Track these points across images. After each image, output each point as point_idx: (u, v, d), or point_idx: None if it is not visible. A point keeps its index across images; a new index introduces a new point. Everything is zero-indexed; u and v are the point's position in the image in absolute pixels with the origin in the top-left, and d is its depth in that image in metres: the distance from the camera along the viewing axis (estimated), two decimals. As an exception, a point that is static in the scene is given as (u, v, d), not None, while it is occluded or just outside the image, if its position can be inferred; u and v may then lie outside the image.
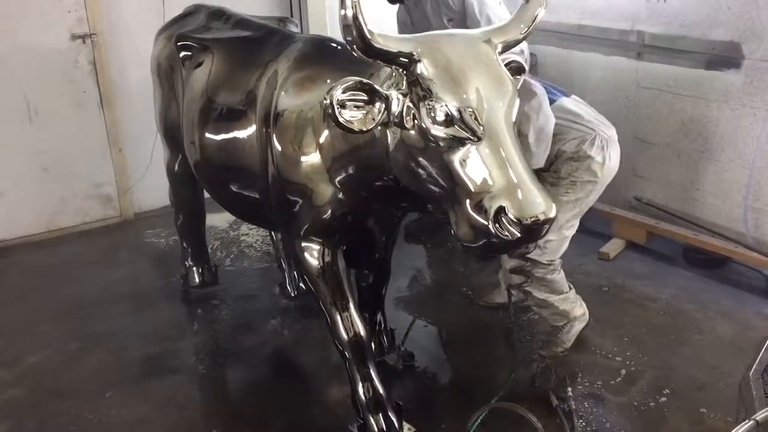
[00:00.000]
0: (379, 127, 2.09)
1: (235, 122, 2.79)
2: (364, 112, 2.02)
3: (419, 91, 2.02)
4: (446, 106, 1.96)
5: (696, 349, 3.36)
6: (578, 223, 3.25)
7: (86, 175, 4.70)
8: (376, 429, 2.62)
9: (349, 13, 1.89)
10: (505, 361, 3.29)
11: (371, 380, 2.64)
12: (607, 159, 3.09)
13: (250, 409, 3.05)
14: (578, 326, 3.35)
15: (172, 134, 3.41)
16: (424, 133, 2.01)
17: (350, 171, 2.39)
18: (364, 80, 2.02)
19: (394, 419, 2.65)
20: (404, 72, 2.05)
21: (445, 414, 2.95)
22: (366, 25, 1.93)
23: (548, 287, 3.25)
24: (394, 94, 2.05)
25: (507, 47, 2.15)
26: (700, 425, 2.84)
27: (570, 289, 3.34)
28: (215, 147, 2.89)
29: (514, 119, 2.05)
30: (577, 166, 3.07)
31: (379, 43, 1.98)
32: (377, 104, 2.03)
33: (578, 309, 3.35)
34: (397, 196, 2.34)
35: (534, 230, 1.92)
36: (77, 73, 4.52)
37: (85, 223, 4.77)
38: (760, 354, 2.16)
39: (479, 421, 2.75)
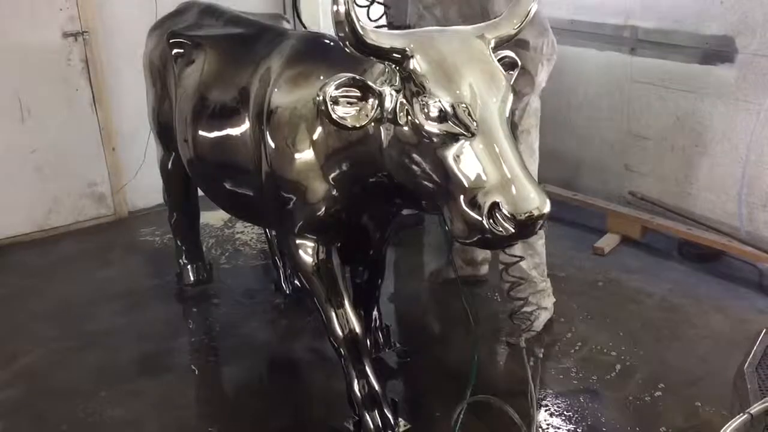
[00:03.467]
0: (373, 124, 2.08)
1: (228, 120, 2.78)
2: (357, 108, 2.02)
3: (412, 87, 2.01)
4: (439, 101, 1.96)
5: (690, 343, 3.37)
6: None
7: (80, 173, 4.68)
8: (371, 425, 2.61)
9: (342, 9, 1.89)
10: (501, 357, 3.31)
11: (367, 377, 2.64)
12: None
13: (245, 407, 3.04)
14: (545, 316, 3.45)
15: (165, 132, 3.40)
16: (417, 129, 2.01)
17: (344, 168, 2.38)
18: (357, 76, 2.02)
19: (389, 416, 2.65)
20: (397, 68, 2.04)
21: (440, 410, 2.94)
22: (358, 21, 1.92)
23: (534, 259, 3.36)
24: (387, 90, 2.04)
25: (500, 43, 2.15)
26: (695, 419, 2.85)
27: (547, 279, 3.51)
28: (208, 145, 2.88)
29: (507, 114, 2.04)
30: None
31: (372, 39, 1.97)
32: (370, 100, 2.03)
33: (548, 300, 3.49)
34: (391, 192, 2.33)
35: (528, 226, 1.91)
36: (69, 72, 4.50)
37: (79, 222, 4.75)
38: (755, 347, 2.17)
39: (461, 417, 2.75)
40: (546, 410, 2.94)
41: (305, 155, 2.45)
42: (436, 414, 2.91)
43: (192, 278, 3.86)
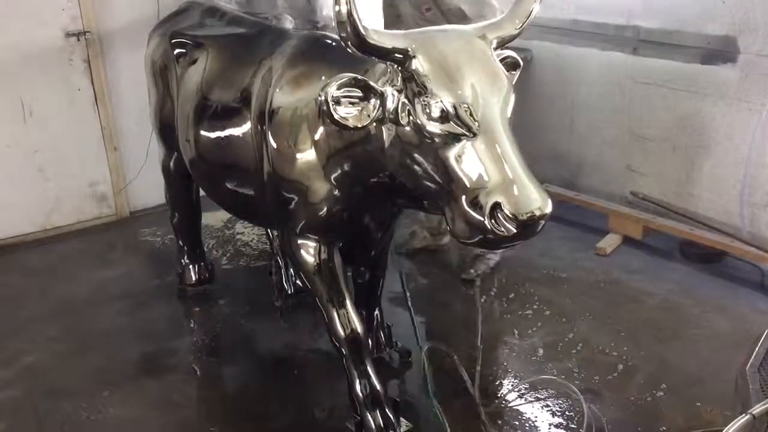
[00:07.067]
0: (375, 124, 2.08)
1: (229, 120, 2.78)
2: (359, 108, 2.02)
3: (414, 87, 2.01)
4: (441, 102, 1.95)
5: (692, 343, 3.36)
6: None
7: (81, 173, 4.68)
8: (373, 426, 2.62)
9: (344, 9, 1.89)
10: (504, 356, 3.31)
11: (368, 377, 2.64)
12: None
13: (246, 407, 3.04)
14: (494, 261, 4.01)
15: (166, 132, 3.40)
16: (419, 129, 2.01)
17: (346, 168, 2.38)
18: (359, 76, 2.02)
19: (391, 416, 2.65)
20: (399, 68, 2.04)
21: (442, 410, 2.94)
22: (360, 21, 1.92)
23: None
24: (389, 91, 2.04)
25: (502, 43, 2.15)
26: (696, 420, 2.84)
27: None
28: (210, 145, 2.88)
29: (509, 115, 2.04)
30: None
31: (374, 39, 1.97)
32: (372, 100, 2.03)
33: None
34: (393, 192, 2.33)
35: (530, 226, 1.91)
36: (71, 72, 4.50)
37: (81, 221, 4.75)
38: (757, 348, 2.16)
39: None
40: (548, 410, 2.94)
41: (307, 155, 2.45)
42: (437, 414, 2.91)
43: (193, 278, 3.86)
